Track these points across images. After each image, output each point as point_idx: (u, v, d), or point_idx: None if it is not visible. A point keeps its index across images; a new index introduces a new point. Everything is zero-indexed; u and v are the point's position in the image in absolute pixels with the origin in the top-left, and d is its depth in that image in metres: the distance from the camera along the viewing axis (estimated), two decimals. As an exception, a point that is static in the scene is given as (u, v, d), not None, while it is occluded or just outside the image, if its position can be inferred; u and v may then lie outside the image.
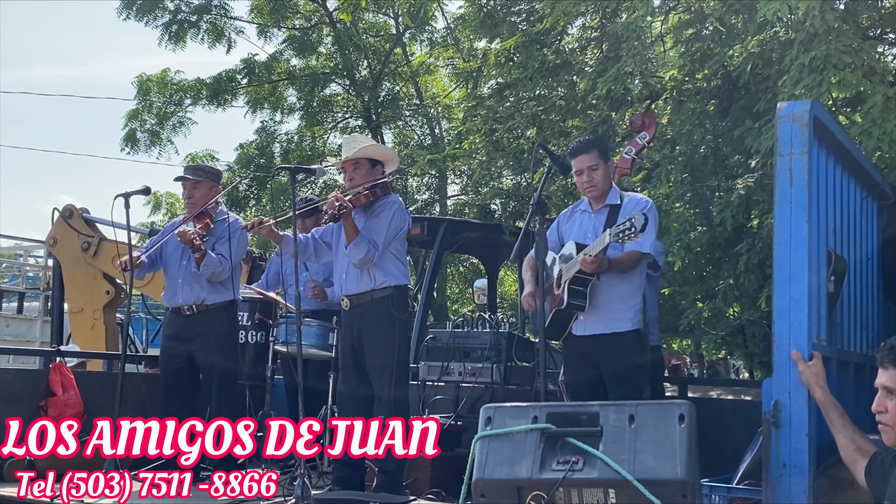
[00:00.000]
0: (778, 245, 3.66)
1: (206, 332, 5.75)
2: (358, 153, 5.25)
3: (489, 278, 10.79)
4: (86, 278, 9.26)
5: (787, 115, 3.71)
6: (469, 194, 12.37)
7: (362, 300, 5.15)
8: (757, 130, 6.36)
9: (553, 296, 4.75)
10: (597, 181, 4.82)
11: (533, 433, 3.25)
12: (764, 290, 6.94)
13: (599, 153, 4.85)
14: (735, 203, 6.51)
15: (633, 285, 4.74)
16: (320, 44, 16.61)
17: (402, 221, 5.26)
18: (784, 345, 3.59)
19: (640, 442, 3.15)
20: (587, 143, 4.94)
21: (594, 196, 4.86)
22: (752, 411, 5.43)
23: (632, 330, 4.69)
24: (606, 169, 4.87)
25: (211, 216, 5.79)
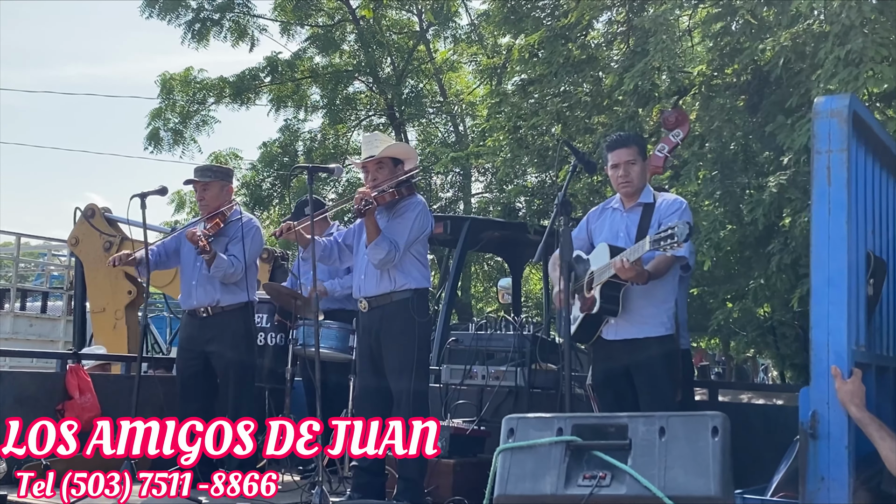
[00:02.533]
0: (815, 248, 3.48)
1: (221, 334, 5.68)
2: (383, 152, 5.13)
3: (513, 277, 10.67)
4: (107, 278, 9.26)
5: (824, 111, 3.52)
6: (493, 192, 12.21)
7: (381, 302, 5.03)
8: (790, 126, 6.14)
9: (584, 298, 4.59)
10: (633, 177, 4.64)
11: (558, 446, 3.09)
12: (797, 290, 6.73)
13: (639, 149, 4.70)
14: (767, 201, 6.29)
15: (666, 289, 4.58)
16: (343, 41, 16.50)
17: (425, 223, 5.13)
18: (822, 353, 3.42)
19: (671, 456, 2.99)
20: (627, 137, 4.80)
21: (627, 192, 4.69)
22: (785, 417, 5.28)
23: (664, 335, 4.53)
24: (644, 166, 4.71)
25: (224, 216, 5.70)
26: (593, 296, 4.47)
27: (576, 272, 4.67)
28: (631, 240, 4.53)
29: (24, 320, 12.40)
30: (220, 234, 5.69)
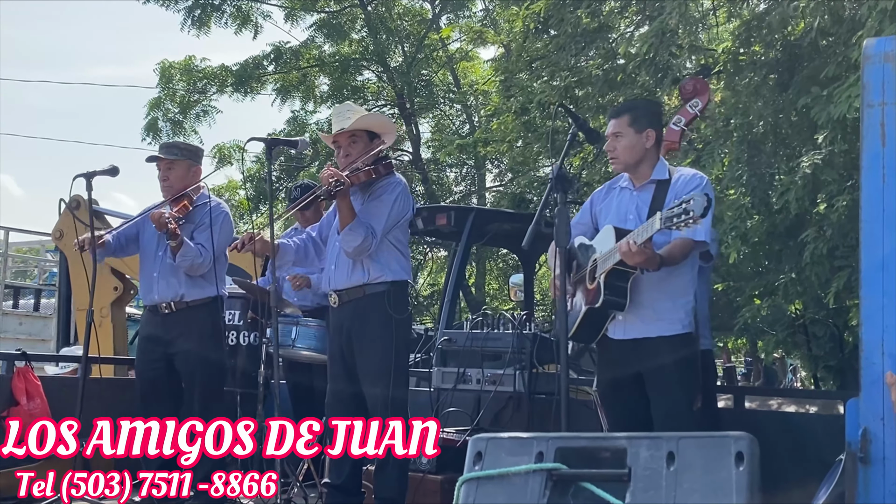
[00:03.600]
0: (866, 224, 2.79)
1: (186, 333, 5.05)
2: (356, 124, 4.46)
3: (525, 273, 10.02)
4: (91, 274, 8.71)
5: (876, 55, 2.83)
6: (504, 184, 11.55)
7: (353, 296, 4.38)
8: (825, 98, 5.45)
9: (586, 290, 3.90)
10: (618, 152, 3.94)
11: (536, 476, 2.40)
12: (832, 285, 6.03)
13: (630, 118, 3.94)
14: (799, 184, 5.59)
15: (684, 279, 3.85)
16: (352, 30, 15.84)
17: (405, 207, 4.47)
18: (875, 355, 2.74)
19: (683, 490, 2.29)
20: (619, 106, 4.13)
21: (615, 168, 4.02)
22: (822, 428, 4.61)
23: (681, 333, 3.80)
24: (636, 139, 3.93)
25: (191, 199, 5.07)
26: (597, 286, 3.78)
27: (578, 260, 4.00)
28: (642, 222, 3.84)
29: (14, 318, 11.89)
30: (186, 220, 5.07)
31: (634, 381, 3.88)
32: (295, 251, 4.62)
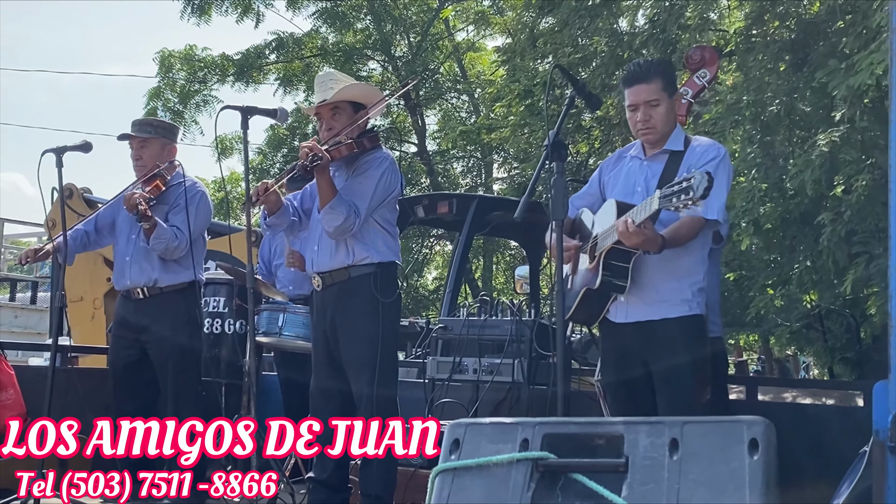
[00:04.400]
0: (895, 192, 2.47)
1: (159, 320, 4.82)
2: (338, 95, 4.17)
3: (531, 264, 9.72)
4: (85, 264, 8.51)
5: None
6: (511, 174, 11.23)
7: (337, 278, 4.09)
8: (843, 71, 5.13)
9: (586, 269, 3.58)
10: (656, 121, 3.57)
11: (520, 466, 2.09)
12: (850, 272, 5.71)
13: (664, 83, 3.59)
14: (816, 162, 5.27)
15: (693, 258, 3.53)
16: (356, 19, 15.52)
17: (393, 183, 4.17)
18: (906, 333, 2.42)
19: (688, 482, 1.98)
20: (647, 67, 3.65)
21: (652, 140, 3.63)
22: (840, 421, 4.31)
23: (689, 315, 3.49)
24: (671, 105, 3.61)
25: (164, 178, 4.79)
26: (596, 265, 3.47)
27: (582, 235, 3.69)
28: (650, 194, 3.49)
29: (9, 311, 11.68)
30: (159, 202, 4.80)
31: (638, 369, 3.58)
32: (292, 212, 4.33)
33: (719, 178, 3.26)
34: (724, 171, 3.48)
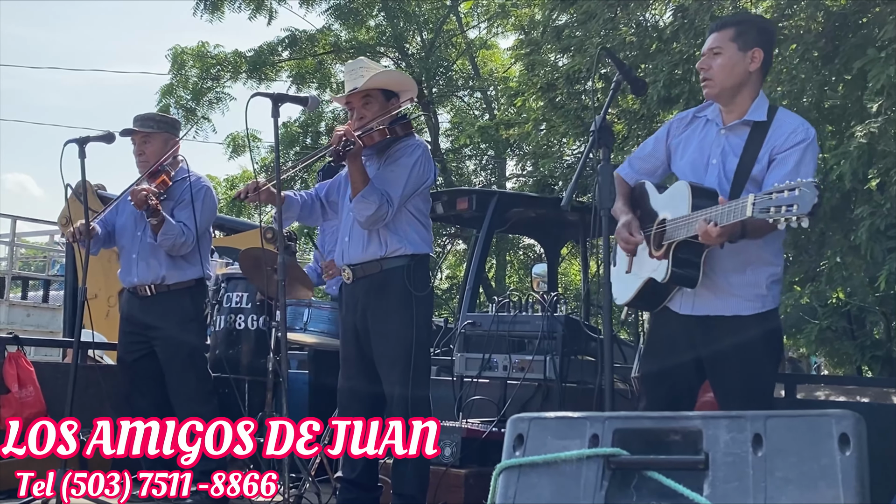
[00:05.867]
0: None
1: (166, 318, 4.74)
2: (369, 83, 4.04)
3: (549, 263, 9.59)
4: (100, 261, 8.36)
5: None
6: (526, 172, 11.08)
7: (368, 271, 3.96)
8: (883, 60, 4.99)
9: (650, 255, 3.28)
10: (714, 72, 3.24)
11: (591, 463, 1.97)
12: (884, 267, 5.56)
13: (735, 32, 3.24)
14: (854, 154, 5.13)
15: (772, 249, 3.24)
16: (369, 16, 15.40)
17: (426, 172, 4.03)
18: None
19: (775, 480, 1.85)
20: (727, 17, 3.45)
21: (710, 94, 3.30)
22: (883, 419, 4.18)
23: (763, 312, 3.19)
24: (738, 59, 3.23)
25: (168, 174, 4.71)
26: (663, 256, 3.19)
27: (642, 210, 3.37)
28: (727, 173, 3.22)
29: (21, 310, 11.59)
30: (166, 196, 4.72)
31: (688, 363, 3.30)
32: (301, 206, 4.20)
33: (807, 164, 3.07)
34: (811, 158, 3.16)
